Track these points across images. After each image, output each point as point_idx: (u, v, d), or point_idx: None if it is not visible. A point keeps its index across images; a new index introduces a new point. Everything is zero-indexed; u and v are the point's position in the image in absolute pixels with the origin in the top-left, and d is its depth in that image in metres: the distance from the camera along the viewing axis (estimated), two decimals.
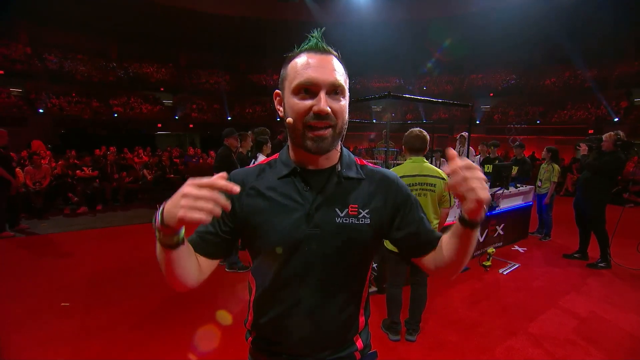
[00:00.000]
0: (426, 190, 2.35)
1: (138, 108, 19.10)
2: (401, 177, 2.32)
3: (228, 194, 0.81)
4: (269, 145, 3.95)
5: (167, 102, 21.13)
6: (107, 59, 20.02)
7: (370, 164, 0.90)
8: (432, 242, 0.84)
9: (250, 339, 0.90)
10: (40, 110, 15.42)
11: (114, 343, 2.49)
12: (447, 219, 2.60)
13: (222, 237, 0.82)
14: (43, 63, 16.96)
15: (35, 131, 13.93)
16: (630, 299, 3.28)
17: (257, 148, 3.89)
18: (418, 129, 2.44)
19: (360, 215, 0.80)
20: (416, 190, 2.35)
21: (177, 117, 20.10)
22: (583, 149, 4.16)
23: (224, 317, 2.78)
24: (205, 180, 0.59)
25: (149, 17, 17.98)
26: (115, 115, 17.82)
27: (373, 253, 0.90)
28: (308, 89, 0.73)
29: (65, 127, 15.08)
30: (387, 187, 0.86)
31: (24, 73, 15.97)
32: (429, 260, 0.85)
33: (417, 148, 2.42)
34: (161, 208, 0.63)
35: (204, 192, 0.58)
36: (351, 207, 0.80)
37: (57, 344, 2.46)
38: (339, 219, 0.79)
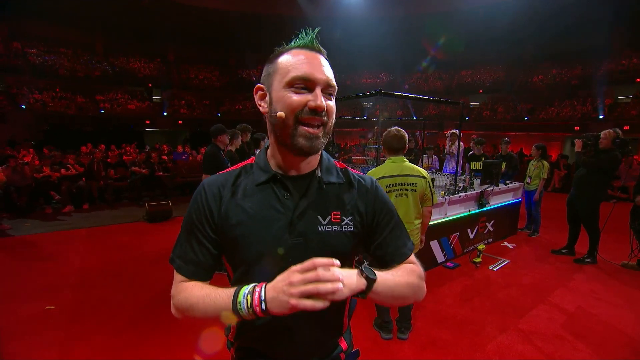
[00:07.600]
0: (407, 190, 2.34)
1: (125, 104, 18.67)
2: (381, 177, 2.31)
3: (212, 204, 0.79)
4: (266, 140, 3.84)
5: (156, 98, 20.70)
6: (92, 53, 19.46)
7: (349, 168, 0.88)
8: (396, 258, 0.83)
9: (232, 349, 0.88)
10: (23, 106, 14.91)
11: (102, 346, 2.43)
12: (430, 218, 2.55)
13: (213, 254, 0.80)
14: (25, 56, 16.38)
15: (17, 127, 13.48)
16: (615, 294, 3.37)
17: (255, 145, 3.75)
18: (395, 128, 2.41)
19: (344, 223, 0.78)
20: (397, 190, 2.33)
21: (165, 114, 19.72)
22: (578, 145, 4.11)
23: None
24: (308, 263, 0.62)
25: (136, 9, 17.50)
26: (102, 111, 17.38)
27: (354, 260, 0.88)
28: (305, 84, 0.71)
29: (49, 123, 14.62)
30: (367, 191, 0.84)
31: (4, 67, 15.36)
32: None
33: (395, 148, 2.41)
34: (258, 294, 0.64)
35: (312, 276, 0.60)
36: (334, 215, 0.78)
37: (43, 349, 2.39)
38: (322, 227, 0.76)
